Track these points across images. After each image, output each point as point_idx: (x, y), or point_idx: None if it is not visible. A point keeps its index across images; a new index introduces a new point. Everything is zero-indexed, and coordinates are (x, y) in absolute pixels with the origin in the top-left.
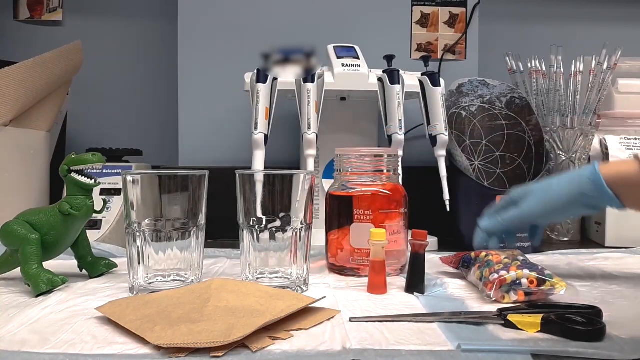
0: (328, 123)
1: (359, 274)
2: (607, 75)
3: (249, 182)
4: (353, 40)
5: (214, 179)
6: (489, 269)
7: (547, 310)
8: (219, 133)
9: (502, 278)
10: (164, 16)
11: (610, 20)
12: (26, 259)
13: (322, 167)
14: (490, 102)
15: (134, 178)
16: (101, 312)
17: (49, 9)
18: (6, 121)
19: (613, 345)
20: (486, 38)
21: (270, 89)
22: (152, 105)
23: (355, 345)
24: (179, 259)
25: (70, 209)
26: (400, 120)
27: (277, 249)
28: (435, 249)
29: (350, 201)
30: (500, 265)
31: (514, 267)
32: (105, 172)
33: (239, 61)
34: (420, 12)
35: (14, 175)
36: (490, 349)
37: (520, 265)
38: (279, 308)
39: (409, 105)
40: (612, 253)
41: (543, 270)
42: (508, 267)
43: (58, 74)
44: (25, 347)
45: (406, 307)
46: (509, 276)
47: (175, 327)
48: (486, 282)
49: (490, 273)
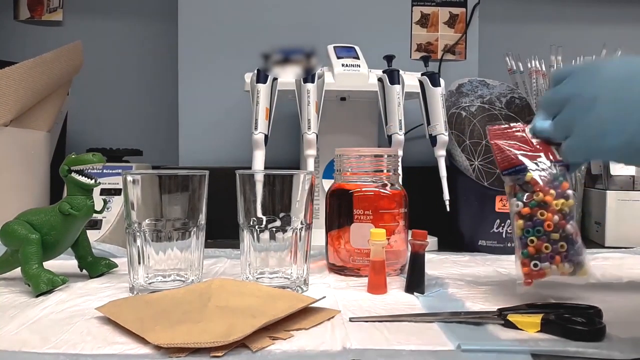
0: (328, 123)
1: (359, 274)
2: None
3: (249, 182)
4: (353, 40)
5: (214, 179)
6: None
7: (547, 310)
8: (219, 133)
9: (542, 272)
10: (164, 16)
11: (610, 20)
12: (26, 259)
13: (322, 167)
14: (490, 102)
15: (134, 178)
16: (101, 312)
17: (49, 9)
18: (6, 121)
19: (613, 345)
20: (486, 38)
21: (270, 89)
22: (152, 105)
23: (355, 345)
24: (179, 259)
25: (70, 209)
26: (400, 120)
27: (277, 249)
28: (435, 249)
29: (350, 201)
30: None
31: (558, 258)
32: (105, 172)
33: (239, 61)
34: (420, 12)
35: (14, 175)
36: (490, 348)
37: (566, 253)
38: (279, 308)
39: (409, 105)
40: (612, 253)
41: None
42: (555, 252)
43: (58, 74)
44: (25, 347)
45: (406, 307)
46: (549, 270)
47: (176, 327)
48: (525, 260)
49: (533, 254)
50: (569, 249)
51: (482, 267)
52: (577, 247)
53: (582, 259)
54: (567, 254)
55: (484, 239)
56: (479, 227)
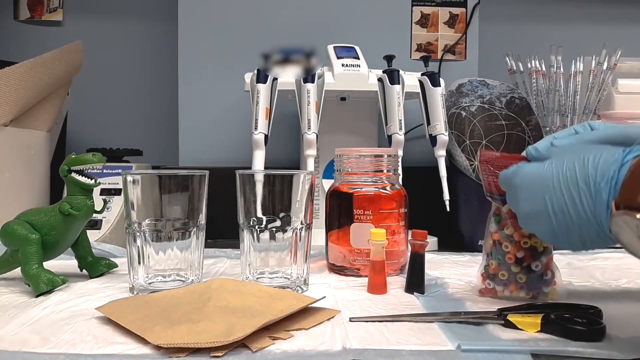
0: (328, 123)
1: (359, 274)
2: (607, 75)
3: (249, 182)
4: (353, 40)
5: (214, 179)
6: (494, 268)
7: (547, 310)
8: (219, 133)
9: (494, 290)
10: (164, 16)
11: (610, 20)
12: (26, 259)
13: (322, 167)
14: (490, 102)
15: (134, 178)
16: (101, 312)
17: (49, 9)
18: (6, 121)
19: (613, 345)
20: (486, 38)
21: (270, 89)
22: (152, 105)
23: (355, 345)
24: (179, 259)
25: (70, 209)
26: (400, 120)
27: (277, 249)
28: (435, 249)
29: (350, 201)
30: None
31: (514, 286)
32: (105, 172)
33: (239, 61)
34: (420, 12)
35: (14, 175)
36: (490, 348)
37: (524, 284)
38: (279, 308)
39: (409, 105)
40: (612, 253)
41: (548, 290)
42: (511, 280)
43: (58, 74)
44: (25, 347)
45: (406, 307)
46: (501, 292)
47: (175, 327)
48: (483, 274)
49: (490, 273)
50: (529, 281)
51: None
52: (546, 280)
53: (548, 288)
54: (526, 285)
55: (483, 239)
56: (479, 227)
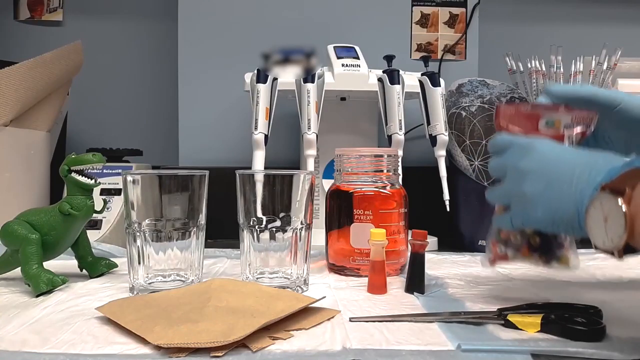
0: (328, 123)
1: (359, 274)
2: (607, 75)
3: (249, 182)
4: (353, 40)
5: (214, 179)
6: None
7: (547, 310)
8: (219, 133)
9: (505, 256)
10: (164, 16)
11: (610, 20)
12: (26, 259)
13: (322, 167)
14: (490, 102)
15: (134, 178)
16: (101, 312)
17: (49, 9)
18: (6, 121)
19: (613, 345)
20: (486, 38)
21: (270, 89)
22: (152, 105)
23: (355, 345)
24: (179, 259)
25: (70, 209)
26: (400, 120)
27: (277, 249)
28: (435, 249)
29: (350, 201)
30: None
31: (526, 249)
32: (105, 172)
33: (239, 61)
34: (420, 12)
35: (14, 175)
36: (490, 348)
37: (538, 246)
38: (279, 308)
39: (409, 105)
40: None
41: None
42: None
43: (58, 74)
44: (25, 347)
45: (406, 307)
46: (513, 256)
47: (175, 327)
48: (494, 241)
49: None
50: (543, 243)
51: (482, 267)
52: (559, 241)
53: (561, 252)
54: (540, 247)
55: (484, 239)
56: (479, 227)
